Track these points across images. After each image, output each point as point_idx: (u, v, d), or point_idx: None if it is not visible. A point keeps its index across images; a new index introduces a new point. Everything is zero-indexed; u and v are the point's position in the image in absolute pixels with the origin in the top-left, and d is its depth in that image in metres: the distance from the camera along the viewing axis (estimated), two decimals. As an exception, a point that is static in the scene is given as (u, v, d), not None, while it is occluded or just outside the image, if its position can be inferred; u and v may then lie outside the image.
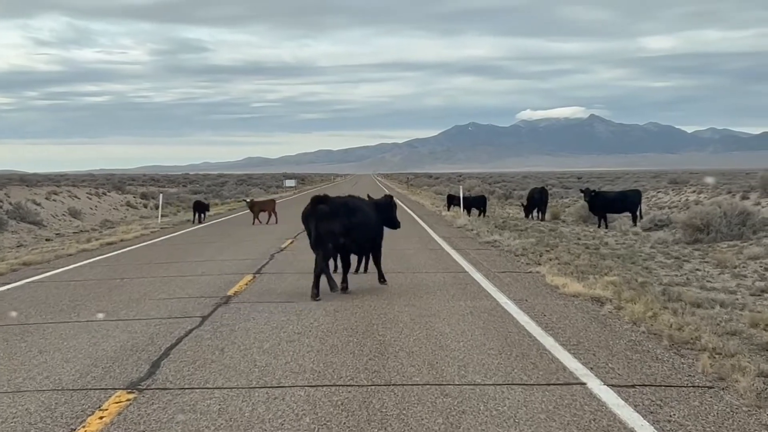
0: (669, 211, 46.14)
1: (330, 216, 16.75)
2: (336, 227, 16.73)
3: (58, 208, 56.05)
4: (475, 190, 73.74)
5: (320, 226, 16.65)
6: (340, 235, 16.82)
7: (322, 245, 16.72)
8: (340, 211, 16.93)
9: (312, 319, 14.24)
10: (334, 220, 16.73)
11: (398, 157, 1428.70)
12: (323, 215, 16.72)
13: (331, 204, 16.95)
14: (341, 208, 17.00)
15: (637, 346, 11.82)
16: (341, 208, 17.00)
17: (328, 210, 16.78)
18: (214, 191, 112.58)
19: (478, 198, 47.73)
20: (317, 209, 16.79)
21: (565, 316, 14.25)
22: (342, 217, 16.89)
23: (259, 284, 18.83)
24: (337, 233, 16.77)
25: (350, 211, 17.15)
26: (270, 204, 43.87)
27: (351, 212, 17.15)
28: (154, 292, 17.88)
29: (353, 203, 17.65)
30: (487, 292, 17.17)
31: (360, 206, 17.71)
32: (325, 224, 16.66)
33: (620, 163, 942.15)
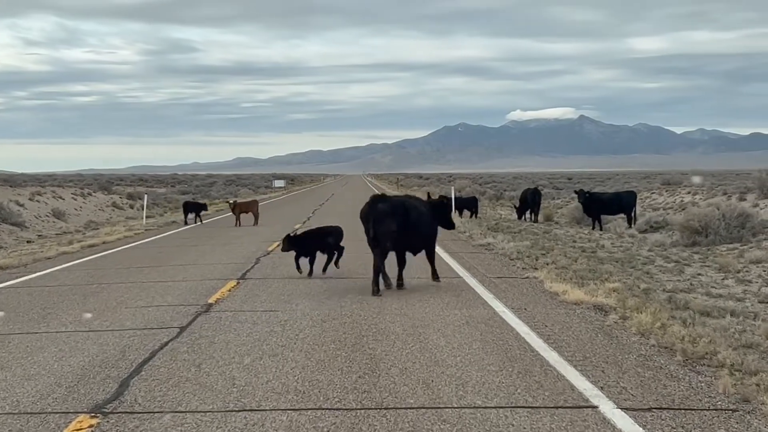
0: (664, 212, 45.28)
1: (387, 215, 17.07)
2: (393, 226, 17.03)
3: (41, 209, 54.96)
4: (465, 191, 72.86)
5: (378, 226, 16.98)
6: (397, 234, 17.14)
7: (380, 244, 17.06)
8: (398, 211, 17.25)
9: (297, 330, 13.31)
10: (391, 220, 17.04)
11: (388, 158, 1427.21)
12: (381, 215, 17.04)
13: (389, 204, 17.37)
14: (398, 208, 17.33)
15: (648, 362, 10.91)
16: (398, 208, 17.33)
17: (385, 210, 17.13)
18: (202, 191, 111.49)
19: (469, 199, 46.77)
20: (375, 209, 17.12)
21: (567, 327, 13.33)
22: (399, 216, 17.17)
23: (242, 291, 17.88)
24: (394, 232, 17.07)
25: (407, 211, 17.43)
26: (253, 205, 42.79)
27: (407, 212, 17.43)
28: (132, 299, 16.92)
29: (410, 203, 17.99)
30: (483, 299, 16.25)
31: (416, 206, 17.99)
32: (382, 224, 16.99)
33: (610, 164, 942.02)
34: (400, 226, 17.11)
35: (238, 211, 41.15)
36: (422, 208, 18.14)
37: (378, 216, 17.04)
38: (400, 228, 17.12)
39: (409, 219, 17.32)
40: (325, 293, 17.29)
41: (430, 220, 18.18)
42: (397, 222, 17.07)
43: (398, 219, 17.12)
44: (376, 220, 17.02)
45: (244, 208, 41.78)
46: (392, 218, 17.06)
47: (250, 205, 42.80)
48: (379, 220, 17.02)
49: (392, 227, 17.02)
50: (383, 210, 17.10)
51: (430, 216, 18.27)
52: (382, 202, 17.40)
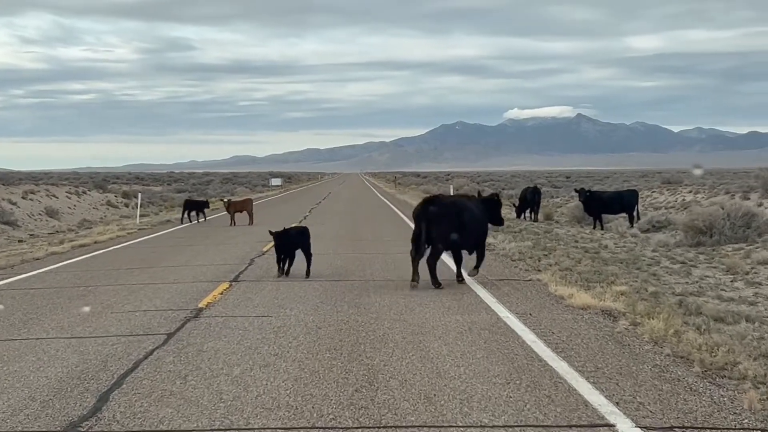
0: (666, 211, 44.61)
1: (440, 217, 17.56)
2: (445, 227, 17.48)
3: (34, 208, 54.18)
4: (463, 190, 72.16)
5: (431, 227, 17.44)
6: (450, 234, 17.57)
7: (435, 244, 17.52)
8: (450, 212, 17.74)
9: (291, 337, 12.60)
10: (444, 220, 17.53)
11: (385, 156, 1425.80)
12: (434, 216, 17.51)
13: (441, 204, 17.95)
14: (451, 209, 17.86)
15: (665, 374, 10.21)
16: (451, 209, 17.86)
17: (438, 211, 17.61)
18: (199, 190, 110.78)
19: (468, 198, 46.08)
20: (428, 210, 17.59)
21: (576, 334, 12.64)
22: (452, 217, 17.65)
23: (234, 294, 17.17)
24: (447, 232, 17.51)
25: (459, 211, 17.91)
26: (247, 204, 41.97)
27: (460, 212, 17.90)
28: (119, 303, 16.20)
29: (462, 203, 18.51)
30: (485, 303, 15.55)
31: (467, 205, 18.42)
32: (435, 224, 17.46)
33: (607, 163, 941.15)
34: (453, 226, 17.57)
35: (232, 210, 40.38)
36: (473, 206, 18.52)
37: (431, 217, 17.50)
38: (454, 228, 17.56)
39: (462, 219, 17.79)
40: (320, 297, 16.59)
41: (481, 219, 18.54)
42: (450, 223, 17.55)
43: (451, 220, 17.60)
44: (429, 221, 17.46)
45: (239, 207, 41.00)
46: (445, 219, 17.55)
47: (245, 203, 42.00)
48: (433, 221, 17.49)
49: (445, 229, 17.49)
50: (436, 212, 17.58)
51: (482, 214, 18.60)
52: (435, 203, 17.92)
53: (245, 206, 41.18)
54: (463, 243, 18.21)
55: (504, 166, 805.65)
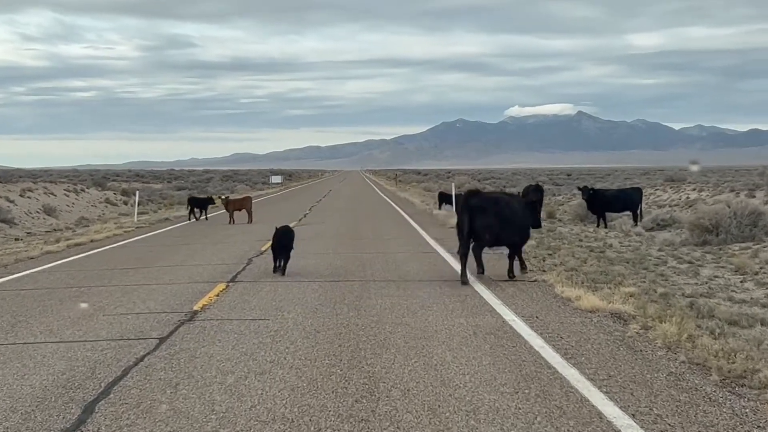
0: (670, 209, 44.08)
1: (483, 210, 17.90)
2: (488, 221, 17.85)
3: (32, 206, 53.70)
4: (464, 187, 71.61)
5: (475, 220, 17.77)
6: (492, 227, 17.93)
7: (479, 237, 17.96)
8: (491, 206, 18.14)
9: (288, 342, 12.08)
10: (487, 214, 17.88)
11: (386, 154, 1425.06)
12: (477, 210, 17.86)
13: (484, 199, 18.35)
14: (492, 203, 18.27)
15: (681, 382, 9.70)
16: (492, 203, 18.27)
17: (481, 205, 18.00)
18: (199, 187, 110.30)
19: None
20: (470, 203, 17.97)
21: (585, 339, 12.12)
22: (493, 211, 18.02)
23: (231, 295, 16.64)
24: (489, 225, 17.88)
25: (501, 207, 18.33)
26: (246, 202, 41.40)
27: (501, 207, 18.32)
28: (111, 305, 15.67)
29: (504, 199, 18.98)
30: (490, 305, 15.03)
31: (509, 201, 18.90)
32: (479, 218, 17.79)
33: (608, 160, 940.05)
34: (495, 220, 17.98)
35: (231, 209, 39.84)
36: (516, 204, 18.99)
37: (474, 211, 17.85)
38: (496, 222, 17.99)
39: (503, 214, 18.16)
40: (320, 299, 16.07)
41: (522, 216, 18.86)
42: (491, 216, 17.94)
43: (493, 214, 17.98)
44: (472, 213, 17.79)
45: (238, 205, 40.45)
46: (488, 213, 17.91)
47: (244, 201, 41.44)
48: (476, 214, 17.83)
49: (487, 221, 17.85)
50: (478, 205, 18.00)
51: (523, 212, 18.96)
52: (477, 197, 18.38)
53: (244, 204, 40.63)
54: (505, 238, 18.54)
55: (505, 164, 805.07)
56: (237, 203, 40.85)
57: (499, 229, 18.12)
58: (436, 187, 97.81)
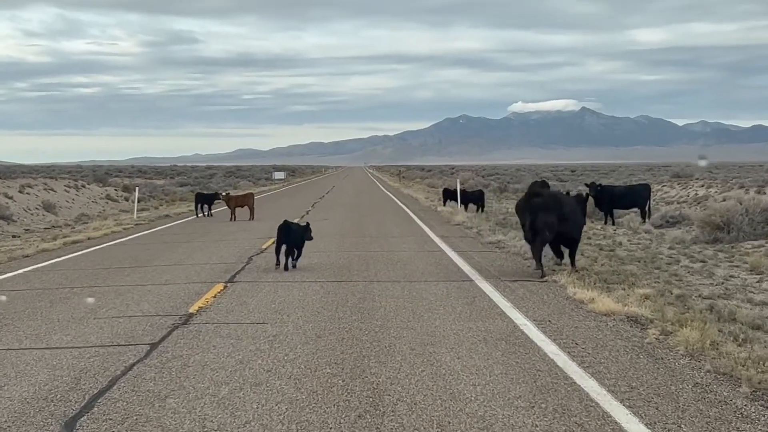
0: (679, 206, 43.35)
1: (545, 208, 18.03)
2: (550, 218, 17.96)
3: (31, 202, 53.01)
4: (469, 183, 70.97)
5: (537, 218, 17.94)
6: (554, 224, 18.03)
7: (540, 233, 17.99)
8: (552, 204, 18.27)
9: (288, 348, 11.39)
10: (549, 212, 18.00)
11: (390, 150, 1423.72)
12: (539, 207, 18.03)
13: (545, 197, 18.47)
14: (554, 201, 18.44)
15: (708, 395, 9.01)
16: (554, 201, 18.44)
17: (542, 202, 18.15)
18: (201, 183, 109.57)
19: (476, 193, 44.77)
20: (533, 202, 18.17)
21: (602, 345, 11.42)
22: (554, 208, 18.15)
23: (229, 297, 15.95)
24: (553, 223, 17.99)
25: (561, 204, 18.53)
26: (248, 198, 40.66)
27: (562, 204, 18.51)
28: (104, 308, 14.98)
29: (562, 196, 19.36)
30: (500, 308, 14.33)
31: (568, 200, 19.22)
32: (541, 215, 17.92)
33: (611, 156, 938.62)
34: (556, 217, 18.10)
35: (233, 205, 39.15)
36: (572, 201, 19.35)
37: (535, 208, 18.05)
38: (557, 219, 18.11)
39: (563, 211, 18.31)
40: (321, 300, 15.39)
41: (579, 213, 19.24)
42: (553, 213, 18.07)
43: (554, 211, 18.10)
44: (534, 211, 17.99)
45: (240, 202, 39.75)
46: (549, 210, 18.03)
47: (246, 198, 40.72)
48: (538, 211, 17.99)
49: (550, 218, 17.97)
50: (540, 203, 18.15)
51: (578, 209, 19.32)
52: (539, 195, 18.50)
53: (246, 201, 39.92)
54: (565, 235, 18.68)
55: (508, 160, 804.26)
56: (239, 200, 40.15)
57: (560, 226, 18.22)
58: (440, 183, 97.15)
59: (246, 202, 39.70)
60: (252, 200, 40.11)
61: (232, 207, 38.97)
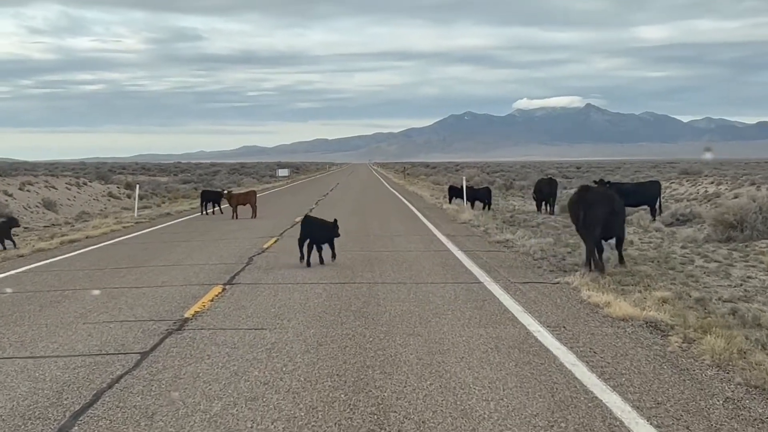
0: (689, 203, 42.57)
1: (597, 203, 18.21)
2: (601, 213, 18.08)
3: (31, 200, 52.37)
4: (474, 180, 70.20)
5: (589, 213, 18.08)
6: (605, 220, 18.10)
7: (593, 230, 18.07)
8: (604, 199, 18.49)
9: (287, 357, 10.68)
10: (600, 207, 18.17)
11: (394, 147, 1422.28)
12: (591, 203, 18.21)
13: (597, 192, 18.97)
14: (604, 196, 18.73)
15: (742, 411, 8.29)
16: (604, 196, 18.73)
17: (595, 198, 18.42)
18: (205, 180, 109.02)
19: (482, 190, 43.97)
20: (586, 198, 18.39)
21: (622, 355, 10.70)
22: (606, 204, 18.33)
23: (227, 300, 15.24)
24: (603, 218, 18.07)
25: (612, 199, 18.67)
26: (251, 196, 39.92)
27: (612, 200, 18.64)
28: (95, 312, 14.29)
29: (610, 192, 19.52)
30: (510, 313, 13.61)
31: (614, 196, 19.24)
32: (593, 211, 18.07)
33: (616, 153, 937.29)
34: (608, 212, 18.25)
35: (234, 203, 38.42)
36: (618, 197, 19.34)
37: (588, 203, 18.19)
38: (608, 214, 18.24)
39: (614, 207, 18.50)
40: (323, 304, 14.67)
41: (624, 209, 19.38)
42: (605, 209, 18.23)
43: (606, 206, 18.27)
44: (587, 207, 18.12)
45: (242, 200, 39.01)
46: (601, 205, 18.21)
47: (248, 196, 39.98)
48: (589, 207, 18.13)
49: (601, 214, 18.10)
50: (593, 199, 18.38)
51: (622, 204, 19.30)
52: (591, 191, 19.00)
53: (248, 199, 39.18)
54: (613, 231, 18.75)
55: (513, 157, 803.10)
56: (240, 198, 39.43)
57: (610, 222, 18.33)
58: (445, 181, 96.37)
59: (248, 200, 38.97)
60: (254, 198, 39.39)
61: (233, 205, 38.26)
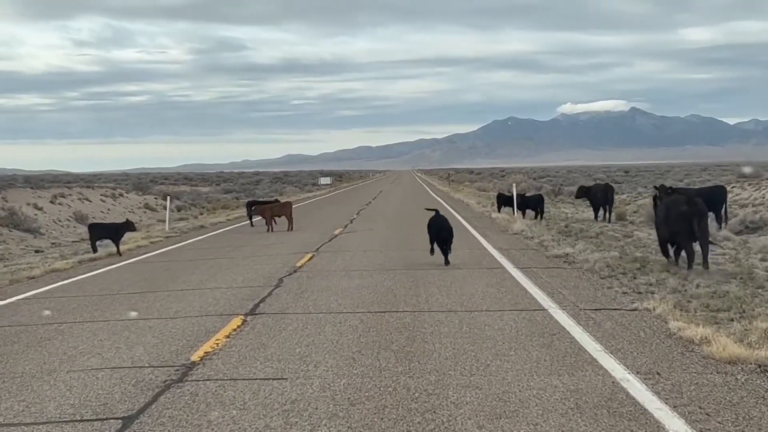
0: (756, 209, 39.77)
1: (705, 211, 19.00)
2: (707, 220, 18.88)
3: (62, 213, 50.52)
4: (521, 186, 67.55)
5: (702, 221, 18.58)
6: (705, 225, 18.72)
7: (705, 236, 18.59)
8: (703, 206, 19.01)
9: (308, 424, 8.25)
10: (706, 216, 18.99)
11: (438, 153, 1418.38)
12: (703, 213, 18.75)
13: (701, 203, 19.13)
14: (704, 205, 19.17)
15: None
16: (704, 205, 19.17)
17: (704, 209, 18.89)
18: (247, 190, 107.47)
19: (534, 198, 41.32)
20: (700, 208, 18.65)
21: (747, 418, 8.16)
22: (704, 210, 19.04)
23: (245, 337, 12.84)
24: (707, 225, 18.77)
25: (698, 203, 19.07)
26: (286, 208, 37.51)
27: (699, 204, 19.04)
28: (86, 354, 11.96)
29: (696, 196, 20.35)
30: (587, 353, 11.11)
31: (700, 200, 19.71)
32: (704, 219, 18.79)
33: (662, 156, 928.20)
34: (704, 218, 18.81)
35: (268, 215, 36.09)
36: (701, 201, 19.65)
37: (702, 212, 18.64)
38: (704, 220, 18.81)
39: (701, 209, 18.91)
40: (359, 340, 12.23)
41: None
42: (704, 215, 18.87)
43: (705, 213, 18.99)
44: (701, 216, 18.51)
45: (276, 212, 36.65)
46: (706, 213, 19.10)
47: (283, 207, 37.59)
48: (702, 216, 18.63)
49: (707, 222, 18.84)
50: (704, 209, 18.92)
51: None
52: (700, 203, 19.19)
53: (283, 210, 36.81)
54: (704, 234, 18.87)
55: (557, 162, 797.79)
56: (274, 209, 37.09)
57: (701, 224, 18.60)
58: (490, 187, 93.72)
59: (283, 211, 36.61)
60: (290, 210, 37.01)
61: (267, 217, 35.95)
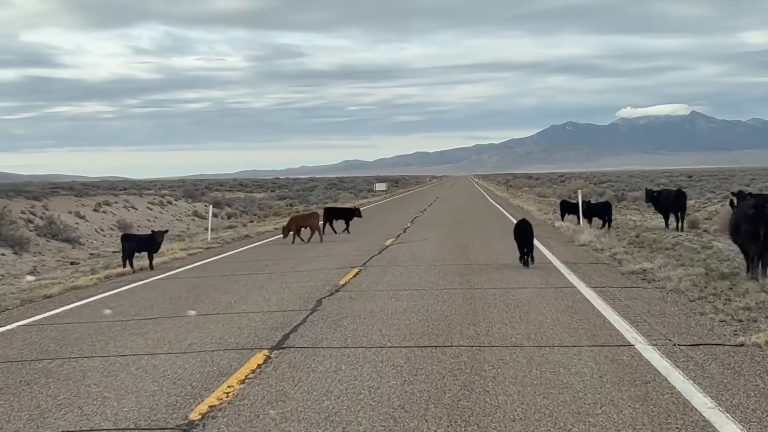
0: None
1: None
2: None
3: (105, 222, 48.67)
4: (583, 192, 64.76)
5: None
6: None
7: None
8: None
9: None
10: None
11: (495, 158, 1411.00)
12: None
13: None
14: None
15: None
16: None
17: None
18: (302, 196, 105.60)
19: (602, 205, 38.55)
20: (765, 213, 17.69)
21: None
22: None
23: (264, 381, 10.48)
24: None
25: None
26: (312, 218, 35.01)
27: None
28: (65, 406, 9.66)
29: None
30: (696, 410, 8.63)
31: None
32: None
33: (723, 161, 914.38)
34: None
35: (294, 226, 33.70)
36: None
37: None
38: None
39: None
40: (402, 390, 9.82)
41: None
42: None
43: None
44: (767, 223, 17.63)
45: (301, 223, 34.20)
46: None
47: (309, 218, 35.10)
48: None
49: None
50: None
51: None
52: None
53: (309, 221, 34.31)
54: None
55: (616, 166, 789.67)
56: (299, 220, 34.72)
57: None
58: (549, 192, 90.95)
59: (309, 222, 34.14)
60: (316, 220, 34.60)
61: (293, 228, 33.55)
